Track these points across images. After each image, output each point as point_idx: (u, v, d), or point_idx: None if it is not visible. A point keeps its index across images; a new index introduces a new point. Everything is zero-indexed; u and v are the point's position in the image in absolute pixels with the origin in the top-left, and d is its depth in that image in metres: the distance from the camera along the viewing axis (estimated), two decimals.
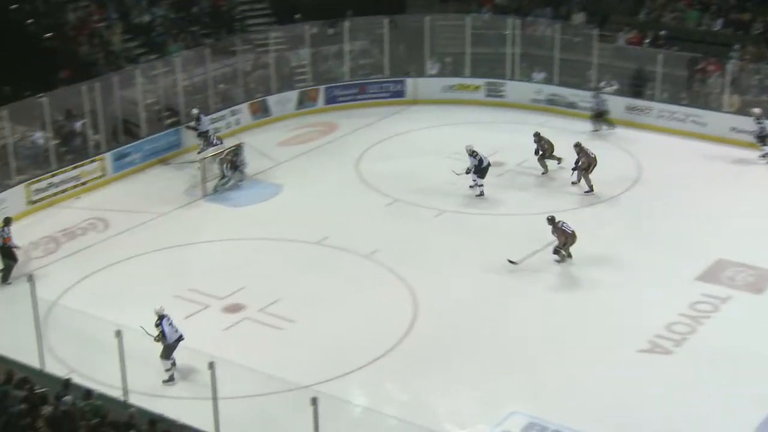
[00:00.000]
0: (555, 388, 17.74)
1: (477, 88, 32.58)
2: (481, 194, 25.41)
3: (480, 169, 25.31)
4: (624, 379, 17.90)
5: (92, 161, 26.62)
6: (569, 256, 22.12)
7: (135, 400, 16.60)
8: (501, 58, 32.60)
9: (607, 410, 16.93)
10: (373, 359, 18.59)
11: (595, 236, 23.21)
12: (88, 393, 15.98)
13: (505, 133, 29.76)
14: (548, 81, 32.00)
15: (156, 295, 20.70)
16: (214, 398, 15.29)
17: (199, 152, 26.97)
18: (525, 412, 17.04)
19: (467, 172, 25.44)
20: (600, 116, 29.90)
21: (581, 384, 17.81)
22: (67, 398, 15.33)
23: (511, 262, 21.88)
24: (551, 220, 22.16)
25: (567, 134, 29.67)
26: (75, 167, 26.21)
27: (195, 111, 28.12)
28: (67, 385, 16.10)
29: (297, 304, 20.46)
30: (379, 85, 32.76)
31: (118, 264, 22.27)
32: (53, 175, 25.69)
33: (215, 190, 25.85)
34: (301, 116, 31.60)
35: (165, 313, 17.93)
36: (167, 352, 17.90)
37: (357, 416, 17.12)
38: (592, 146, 26.23)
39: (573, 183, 26.01)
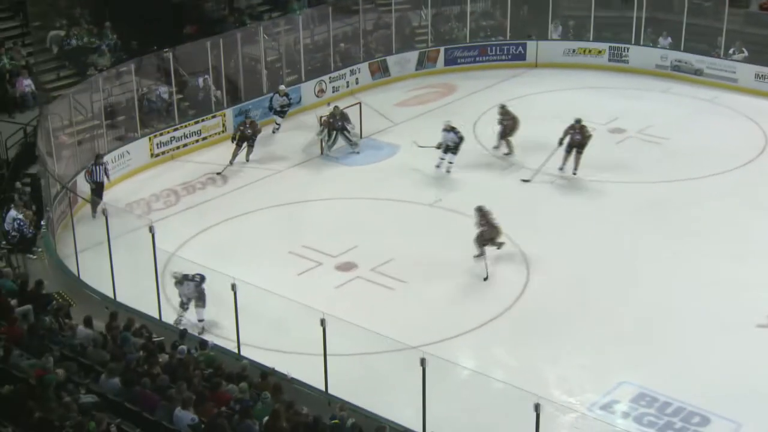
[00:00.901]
0: (668, 360, 17.53)
1: (600, 52, 32.09)
2: (448, 171, 24.68)
3: (458, 146, 24.59)
4: (741, 353, 17.56)
5: (213, 116, 27.13)
6: (498, 247, 20.76)
7: (247, 353, 17.03)
8: (626, 21, 32.01)
9: (721, 384, 16.66)
10: (483, 323, 18.65)
11: (715, 208, 22.81)
12: (203, 343, 16.44)
13: (627, 99, 29.29)
14: (674, 47, 31.28)
15: (271, 251, 21.19)
16: (325, 354, 15.58)
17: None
18: (635, 383, 16.92)
19: (438, 147, 24.59)
20: None
21: (695, 357, 17.56)
22: (183, 348, 15.78)
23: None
24: (480, 210, 20.70)
25: (690, 100, 29.19)
26: (196, 122, 26.76)
27: (284, 87, 27.86)
28: (183, 335, 16.60)
29: (409, 265, 20.57)
30: (499, 47, 32.51)
31: (234, 219, 22.71)
32: (175, 129, 26.26)
33: (323, 153, 26.05)
34: (420, 77, 31.61)
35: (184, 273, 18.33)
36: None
37: (464, 378, 17.19)
38: None
39: (494, 147, 25.80)
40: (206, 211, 23.19)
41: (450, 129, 24.63)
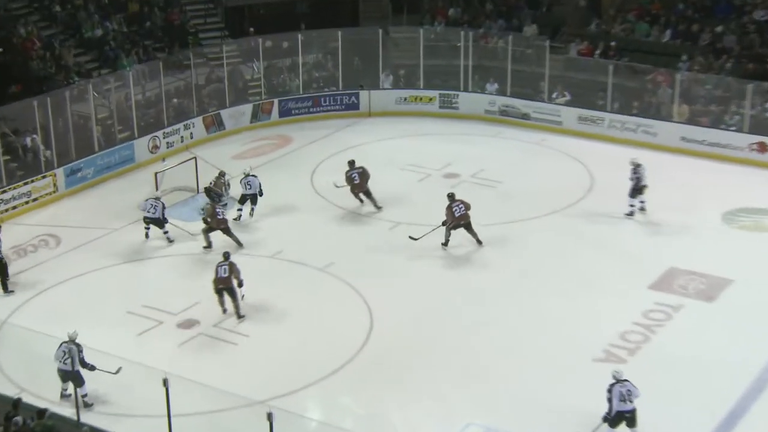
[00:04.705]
0: (511, 398, 17.73)
1: (430, 99, 32.61)
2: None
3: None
4: (579, 388, 17.88)
5: (43, 177, 26.27)
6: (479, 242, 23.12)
7: (88, 419, 16.42)
8: (454, 69, 32.66)
9: (562, 419, 16.89)
10: (329, 373, 18.50)
11: (549, 246, 23.35)
12: (41, 412, 15.73)
13: (459, 144, 29.80)
14: (501, 92, 32.07)
15: (108, 312, 20.58)
16: (169, 415, 15.15)
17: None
18: (481, 423, 17.03)
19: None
20: None
21: (537, 393, 17.79)
22: (18, 418, 15.07)
23: (411, 238, 23.03)
24: (450, 197, 23.07)
25: (519, 143, 29.93)
26: (26, 183, 25.85)
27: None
28: (16, 405, 15.84)
29: (252, 319, 20.34)
30: (333, 97, 32.67)
31: (69, 281, 22.02)
32: (3, 192, 25.30)
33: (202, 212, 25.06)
34: (255, 129, 31.45)
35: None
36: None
37: (313, 431, 16.99)
38: None
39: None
40: (40, 274, 22.34)
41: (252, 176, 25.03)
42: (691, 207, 25.10)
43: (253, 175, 25.02)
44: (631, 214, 24.65)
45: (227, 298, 20.50)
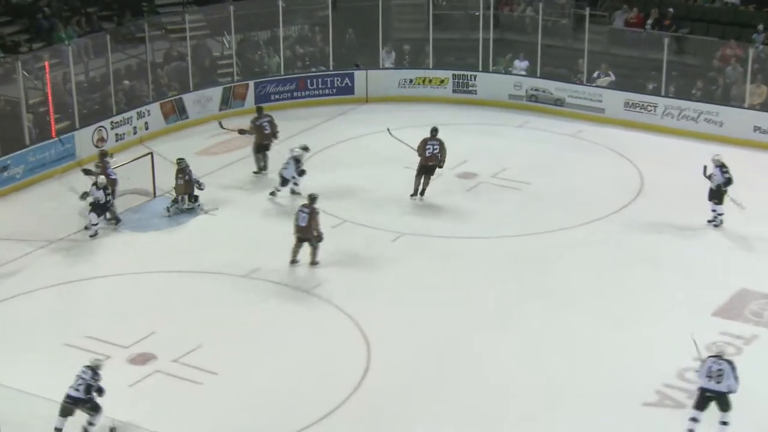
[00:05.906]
0: None
1: (442, 82, 32.69)
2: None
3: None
4: None
5: None
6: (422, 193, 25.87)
7: None
8: (471, 45, 32.73)
9: None
10: (317, 419, 18.42)
11: (589, 261, 23.40)
12: None
13: (476, 137, 29.85)
14: (530, 73, 32.08)
15: (42, 345, 20.57)
16: None
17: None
18: None
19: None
20: None
21: None
22: None
23: (389, 131, 27.01)
24: (432, 131, 25.68)
25: (551, 136, 29.95)
26: None
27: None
28: None
29: (220, 352, 20.31)
30: (321, 79, 32.79)
31: None
32: None
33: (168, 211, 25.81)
34: (225, 118, 31.43)
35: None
36: None
37: None
38: None
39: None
40: None
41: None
42: (766, 215, 25.12)
43: (295, 157, 26.44)
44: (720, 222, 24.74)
45: (305, 247, 23.16)
